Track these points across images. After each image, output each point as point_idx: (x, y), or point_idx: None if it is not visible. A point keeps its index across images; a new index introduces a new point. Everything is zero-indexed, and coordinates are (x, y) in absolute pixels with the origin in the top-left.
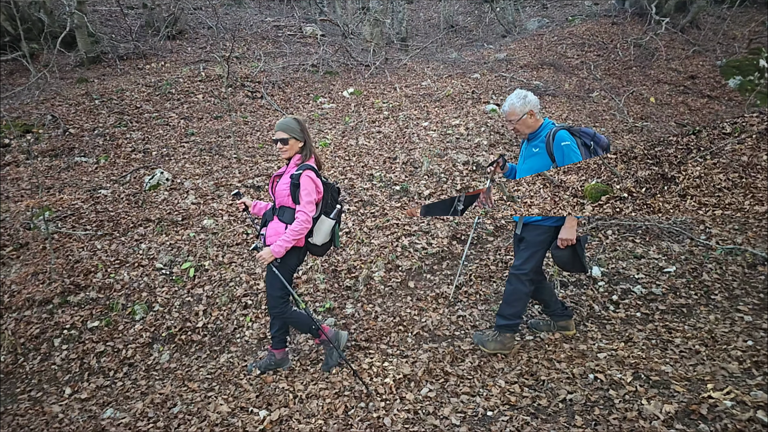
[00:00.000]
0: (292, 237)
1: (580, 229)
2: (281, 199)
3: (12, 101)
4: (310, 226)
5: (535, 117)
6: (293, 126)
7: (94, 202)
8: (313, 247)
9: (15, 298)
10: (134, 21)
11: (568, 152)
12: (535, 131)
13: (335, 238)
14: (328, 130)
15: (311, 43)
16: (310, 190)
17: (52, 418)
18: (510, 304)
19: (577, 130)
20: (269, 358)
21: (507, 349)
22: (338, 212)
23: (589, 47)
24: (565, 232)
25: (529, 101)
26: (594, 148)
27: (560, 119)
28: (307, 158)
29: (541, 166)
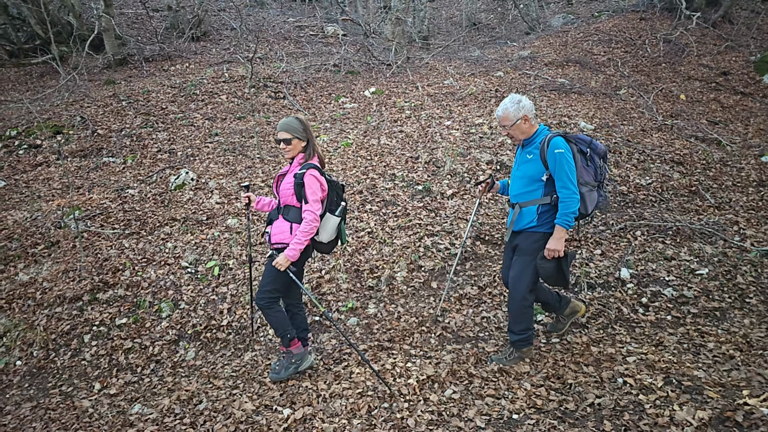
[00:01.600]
0: (303, 238)
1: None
2: (286, 198)
3: (43, 103)
4: (318, 224)
5: (529, 122)
6: (296, 125)
7: (121, 202)
8: (319, 245)
9: (46, 294)
10: (159, 23)
11: (560, 160)
12: (530, 137)
13: (342, 234)
14: (350, 130)
15: (333, 43)
16: (315, 189)
17: (82, 413)
18: (517, 320)
19: (573, 137)
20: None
21: (527, 357)
22: (343, 209)
23: (617, 43)
24: (553, 243)
25: (523, 106)
26: (591, 155)
27: (586, 117)
28: (310, 157)
29: (535, 173)
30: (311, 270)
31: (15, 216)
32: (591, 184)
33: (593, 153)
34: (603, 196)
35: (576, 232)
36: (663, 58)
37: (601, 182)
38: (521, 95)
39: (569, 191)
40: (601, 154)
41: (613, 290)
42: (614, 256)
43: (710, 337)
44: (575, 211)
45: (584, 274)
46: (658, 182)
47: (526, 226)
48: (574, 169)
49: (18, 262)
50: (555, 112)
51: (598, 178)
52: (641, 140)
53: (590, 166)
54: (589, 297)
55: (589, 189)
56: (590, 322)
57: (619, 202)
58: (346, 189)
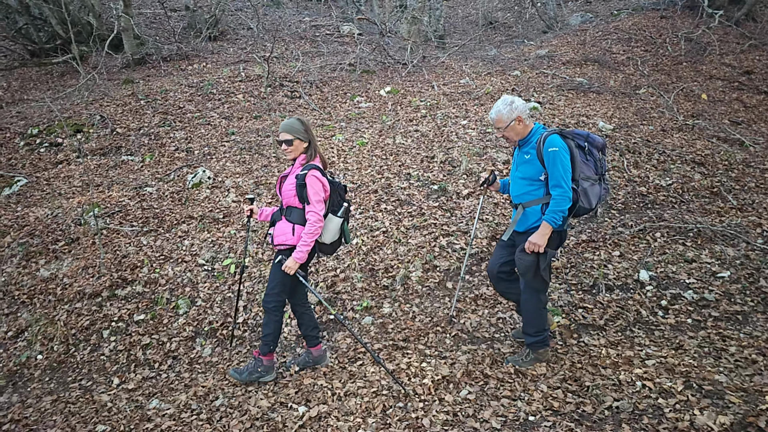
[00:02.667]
0: (309, 240)
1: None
2: (288, 199)
3: (64, 102)
4: (322, 224)
5: (523, 123)
6: (297, 127)
7: (140, 200)
8: (322, 246)
9: (67, 290)
10: (177, 23)
11: (554, 158)
12: (525, 137)
13: (345, 235)
14: (365, 129)
15: (348, 42)
16: (318, 190)
17: (101, 407)
18: (531, 322)
19: (569, 133)
20: (307, 356)
21: (544, 360)
22: (345, 210)
23: (636, 42)
24: (536, 237)
25: (516, 107)
26: (589, 149)
27: (605, 117)
28: (312, 158)
29: (534, 173)
30: (326, 269)
31: (36, 213)
32: (592, 178)
33: (591, 146)
34: (605, 189)
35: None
36: (684, 57)
37: (602, 175)
38: (514, 96)
39: (562, 190)
40: (599, 147)
41: (631, 292)
42: (633, 257)
43: (732, 341)
44: (564, 211)
45: (602, 275)
46: (678, 183)
47: (532, 226)
48: (569, 168)
49: (39, 258)
50: (573, 111)
51: (599, 170)
52: (661, 140)
53: (589, 159)
54: (607, 299)
55: (591, 183)
56: (608, 324)
57: (639, 203)
58: (349, 189)
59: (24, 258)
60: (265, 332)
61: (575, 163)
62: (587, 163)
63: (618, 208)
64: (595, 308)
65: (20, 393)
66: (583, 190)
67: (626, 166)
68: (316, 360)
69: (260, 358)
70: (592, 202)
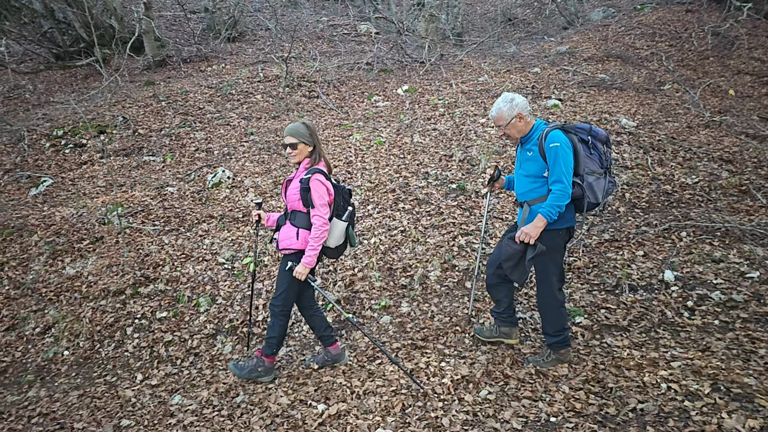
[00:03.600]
0: (316, 244)
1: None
2: (292, 203)
3: (87, 103)
4: (328, 228)
5: (525, 120)
6: (302, 130)
7: (161, 199)
8: (326, 250)
9: (92, 288)
10: (196, 25)
11: (556, 153)
12: (527, 134)
13: (351, 238)
14: (383, 128)
15: (366, 42)
16: (322, 194)
17: (125, 402)
18: (550, 321)
19: (571, 127)
20: (325, 354)
21: (566, 361)
22: (350, 214)
23: (661, 37)
24: (529, 227)
25: (516, 104)
26: (593, 142)
27: (628, 114)
28: (316, 162)
29: (538, 170)
30: (344, 268)
31: (62, 212)
32: (597, 172)
33: (595, 140)
34: (612, 182)
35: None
36: (711, 51)
37: (608, 168)
38: (514, 93)
39: (562, 185)
40: (603, 140)
41: (656, 293)
42: (658, 257)
43: (762, 343)
44: (562, 207)
45: (626, 275)
46: (705, 181)
47: None
48: (571, 163)
49: (65, 256)
50: (595, 108)
51: (604, 164)
52: (687, 137)
53: (594, 153)
54: (630, 299)
55: (596, 177)
56: (632, 325)
57: (663, 201)
58: (367, 188)
59: (50, 256)
60: (270, 334)
61: (579, 158)
62: (591, 156)
63: (642, 207)
64: (618, 309)
65: (48, 387)
66: (589, 185)
67: (650, 164)
68: (335, 358)
69: (262, 358)
70: (598, 196)
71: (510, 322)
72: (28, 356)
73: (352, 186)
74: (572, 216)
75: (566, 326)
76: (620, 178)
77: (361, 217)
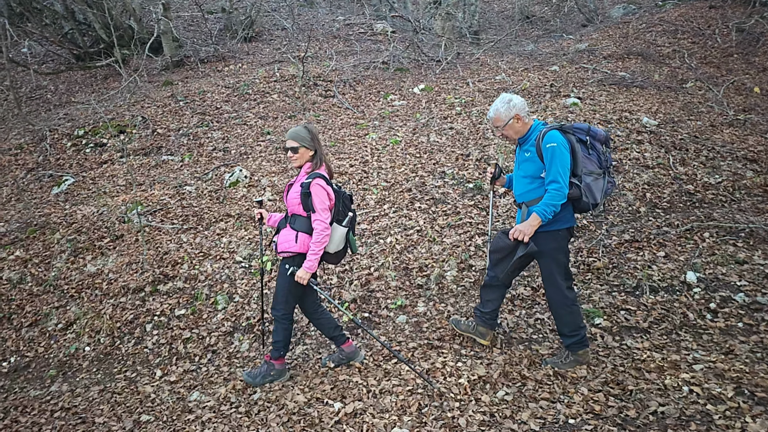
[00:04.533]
0: (318, 249)
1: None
2: (292, 207)
3: (107, 104)
4: (329, 232)
5: (522, 121)
6: (303, 135)
7: (180, 198)
8: (326, 255)
9: (112, 285)
10: (214, 25)
11: (552, 154)
12: (525, 135)
13: (351, 244)
14: (399, 127)
15: (382, 41)
16: (322, 198)
17: (145, 398)
18: (563, 321)
19: (569, 128)
20: (340, 353)
21: (584, 362)
22: (351, 219)
23: (683, 34)
24: (524, 225)
25: (514, 105)
26: (591, 143)
27: (649, 112)
28: (317, 166)
29: (536, 170)
30: (360, 267)
31: (83, 210)
32: (596, 173)
33: (593, 140)
34: (611, 182)
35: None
36: (735, 48)
37: (607, 168)
38: (512, 94)
39: (558, 185)
40: (602, 140)
41: (677, 294)
42: (680, 258)
43: None
44: (557, 206)
45: (646, 277)
46: (728, 181)
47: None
48: (567, 164)
49: (86, 254)
50: (615, 107)
51: (603, 164)
52: (710, 136)
53: (592, 153)
54: (651, 301)
55: (594, 177)
56: (652, 327)
57: (685, 201)
58: (383, 188)
59: (72, 254)
60: (275, 339)
61: (577, 158)
62: (590, 157)
63: (663, 207)
64: (638, 310)
65: (70, 382)
66: (587, 185)
67: (672, 163)
68: (349, 356)
69: (272, 362)
70: (596, 196)
71: (489, 325)
72: (50, 352)
73: (368, 185)
74: (572, 216)
75: (581, 325)
76: (641, 177)
77: (377, 216)
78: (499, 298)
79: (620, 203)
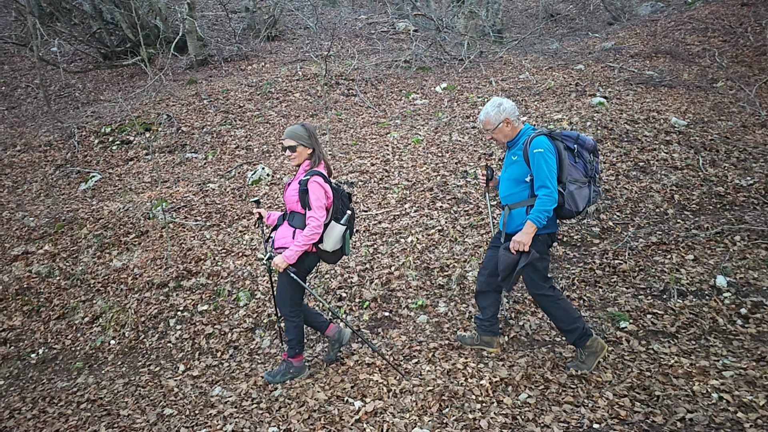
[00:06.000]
0: (303, 242)
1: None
2: (290, 204)
3: (133, 102)
4: (321, 231)
5: (512, 125)
6: (300, 133)
7: (203, 195)
8: (324, 254)
9: (137, 280)
10: (237, 24)
11: (538, 159)
12: (513, 139)
13: (345, 245)
14: (421, 126)
15: (404, 39)
16: (320, 196)
17: (168, 391)
18: (559, 319)
19: (558, 134)
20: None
21: (600, 351)
22: (349, 218)
23: (713, 32)
24: (521, 236)
25: (504, 109)
26: (578, 151)
27: (678, 113)
28: (315, 164)
29: (521, 174)
30: (381, 266)
31: (110, 207)
32: (581, 181)
33: (581, 148)
34: (596, 192)
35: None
36: None
37: (593, 177)
38: (503, 98)
39: (548, 190)
40: (589, 149)
41: (707, 299)
42: (709, 262)
43: None
44: (549, 211)
45: (674, 280)
46: (761, 183)
47: (516, 228)
48: (554, 169)
49: (113, 249)
50: (642, 107)
51: (589, 173)
52: (741, 137)
53: (579, 162)
54: (679, 305)
55: (579, 186)
56: (680, 332)
57: (715, 204)
58: (404, 187)
59: (99, 249)
60: (289, 337)
61: (563, 166)
62: (576, 165)
63: (692, 209)
64: (665, 314)
65: (95, 375)
66: (570, 194)
67: (701, 165)
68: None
69: (290, 360)
70: (579, 205)
71: (491, 332)
72: (77, 344)
73: (389, 184)
74: (554, 222)
75: (576, 316)
76: (669, 178)
77: (398, 215)
78: (496, 303)
79: (647, 205)
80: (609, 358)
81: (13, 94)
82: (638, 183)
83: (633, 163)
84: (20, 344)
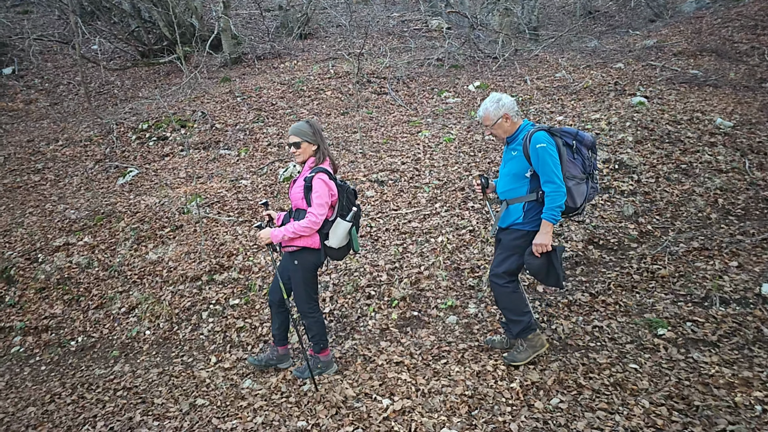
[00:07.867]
0: (293, 230)
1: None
2: (296, 201)
3: (169, 99)
4: (316, 228)
5: (511, 120)
6: (305, 130)
7: (236, 191)
8: (330, 251)
9: (171, 273)
10: (271, 23)
11: (542, 155)
12: (513, 134)
13: (353, 242)
14: (453, 125)
15: (436, 37)
16: (322, 193)
17: (200, 382)
18: (508, 308)
19: (557, 130)
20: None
21: (539, 348)
22: (355, 214)
23: (763, 30)
24: (540, 237)
25: (503, 104)
26: (577, 147)
27: (724, 113)
28: (320, 161)
29: (520, 170)
30: (410, 265)
31: (146, 201)
32: (579, 177)
33: (580, 144)
34: (593, 188)
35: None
36: None
37: (590, 174)
38: (502, 94)
39: (555, 185)
40: (588, 145)
41: (751, 308)
42: (754, 269)
43: None
44: (561, 205)
45: (716, 287)
46: None
47: (512, 223)
48: (558, 163)
49: (149, 242)
50: (685, 107)
51: (587, 169)
52: None
53: (577, 158)
54: (721, 313)
55: (576, 182)
56: (722, 340)
57: (762, 209)
58: (435, 186)
59: (135, 242)
60: (311, 334)
61: (561, 161)
62: (574, 161)
63: (737, 214)
64: (706, 322)
65: (131, 364)
66: (568, 189)
67: (748, 168)
68: (279, 359)
69: (316, 356)
70: (576, 201)
71: (531, 329)
72: (114, 333)
73: (419, 183)
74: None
75: (526, 310)
76: (712, 182)
77: (429, 215)
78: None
79: (689, 208)
80: (645, 366)
81: (55, 90)
82: (680, 186)
83: (674, 165)
84: (61, 332)
